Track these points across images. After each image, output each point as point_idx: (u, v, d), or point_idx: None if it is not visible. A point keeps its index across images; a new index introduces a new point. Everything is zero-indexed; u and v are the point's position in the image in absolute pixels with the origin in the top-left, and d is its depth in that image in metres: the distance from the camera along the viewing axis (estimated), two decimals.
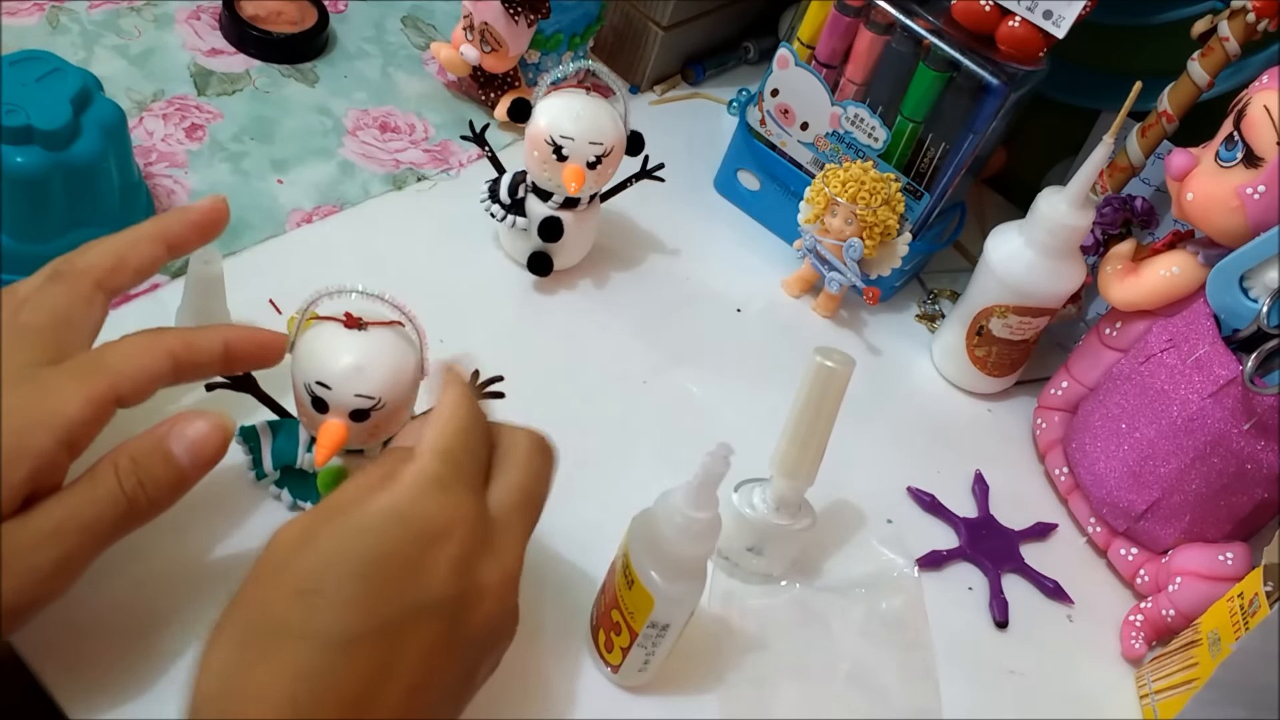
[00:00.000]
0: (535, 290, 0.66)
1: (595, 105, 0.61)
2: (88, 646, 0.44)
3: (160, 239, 0.45)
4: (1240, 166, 0.56)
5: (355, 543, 0.37)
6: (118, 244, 0.44)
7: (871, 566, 0.59)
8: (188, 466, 0.41)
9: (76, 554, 0.39)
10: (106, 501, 0.39)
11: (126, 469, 0.40)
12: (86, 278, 0.43)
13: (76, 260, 0.43)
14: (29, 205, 0.53)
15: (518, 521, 0.41)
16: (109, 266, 0.44)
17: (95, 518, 0.39)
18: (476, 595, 0.39)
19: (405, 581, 0.37)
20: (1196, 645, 0.54)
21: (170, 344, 0.42)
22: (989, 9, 0.64)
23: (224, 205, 0.48)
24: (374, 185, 0.67)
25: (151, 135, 0.64)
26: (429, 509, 0.38)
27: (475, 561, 0.39)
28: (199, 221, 0.47)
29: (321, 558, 0.37)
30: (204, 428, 0.41)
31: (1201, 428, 0.57)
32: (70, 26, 0.69)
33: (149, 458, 0.40)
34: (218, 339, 0.44)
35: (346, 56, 0.75)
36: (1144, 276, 0.61)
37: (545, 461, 0.44)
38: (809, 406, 0.51)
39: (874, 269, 0.69)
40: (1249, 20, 0.62)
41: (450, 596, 0.38)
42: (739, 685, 0.51)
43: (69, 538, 0.38)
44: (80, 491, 0.39)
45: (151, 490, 0.40)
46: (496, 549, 0.40)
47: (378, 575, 0.37)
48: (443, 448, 0.40)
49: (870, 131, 0.68)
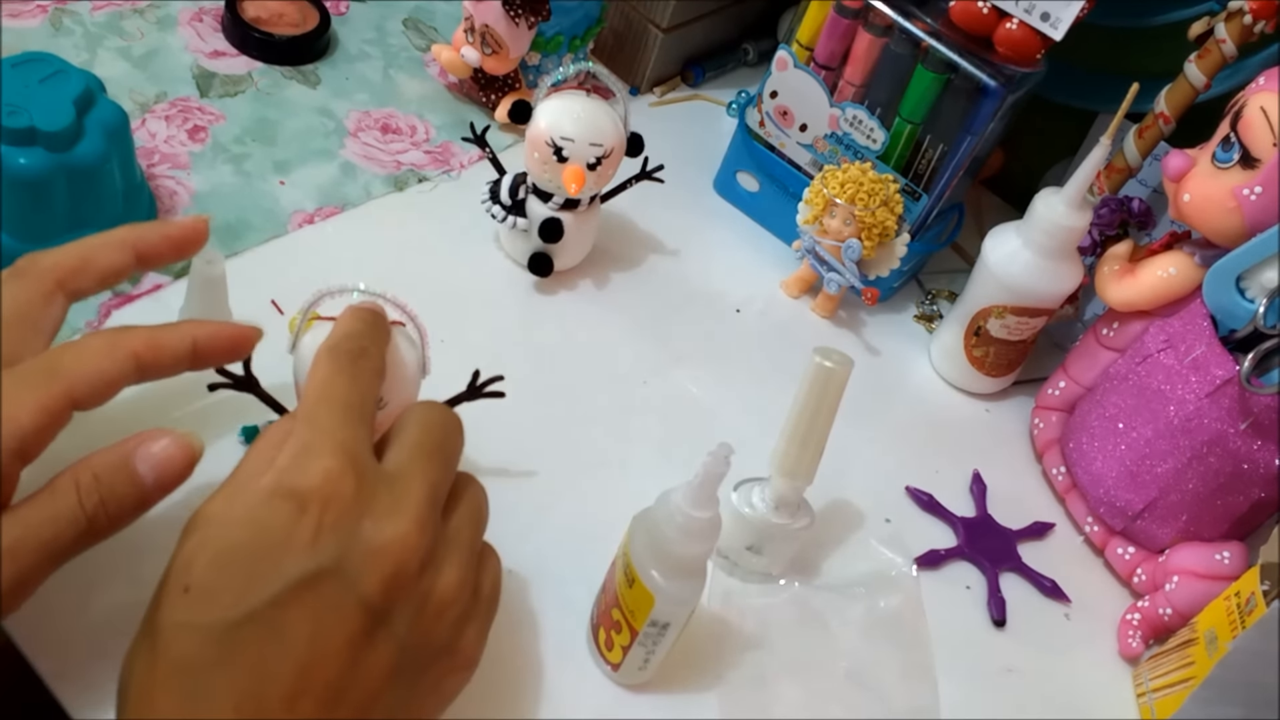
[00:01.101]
0: (536, 291, 0.66)
1: (595, 107, 0.61)
2: (89, 645, 0.44)
3: (129, 247, 0.45)
4: (1237, 167, 0.56)
5: (222, 532, 0.36)
6: (85, 247, 0.44)
7: (870, 566, 0.59)
8: (151, 486, 0.40)
9: (31, 572, 0.38)
10: (65, 520, 0.38)
11: (88, 486, 0.39)
12: (49, 276, 0.42)
13: (41, 259, 0.43)
14: (31, 206, 0.53)
15: (416, 475, 0.39)
16: (72, 267, 0.43)
17: (53, 536, 0.38)
18: (368, 557, 0.36)
19: (275, 559, 0.35)
20: (1193, 644, 0.54)
21: (133, 344, 0.41)
22: (987, 11, 0.64)
23: (204, 226, 0.47)
24: (375, 186, 0.67)
25: (154, 137, 0.65)
26: (296, 480, 0.37)
27: (355, 522, 0.36)
28: (175, 236, 0.46)
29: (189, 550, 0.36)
30: (170, 447, 0.40)
31: (1198, 427, 0.58)
32: (73, 28, 0.69)
33: (113, 475, 0.39)
34: (185, 336, 0.43)
35: (348, 58, 0.75)
36: (1141, 277, 0.62)
37: (441, 415, 0.42)
38: (808, 406, 0.51)
39: (872, 270, 0.69)
40: (1246, 22, 0.62)
41: (329, 563, 0.35)
42: (739, 684, 0.51)
43: (25, 557, 0.37)
44: (38, 509, 0.38)
45: (113, 509, 0.39)
46: (386, 507, 0.37)
47: (244, 559, 0.35)
48: (305, 414, 0.39)
49: (869, 133, 0.68)
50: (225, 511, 0.37)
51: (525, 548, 0.53)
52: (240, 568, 0.35)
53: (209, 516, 0.37)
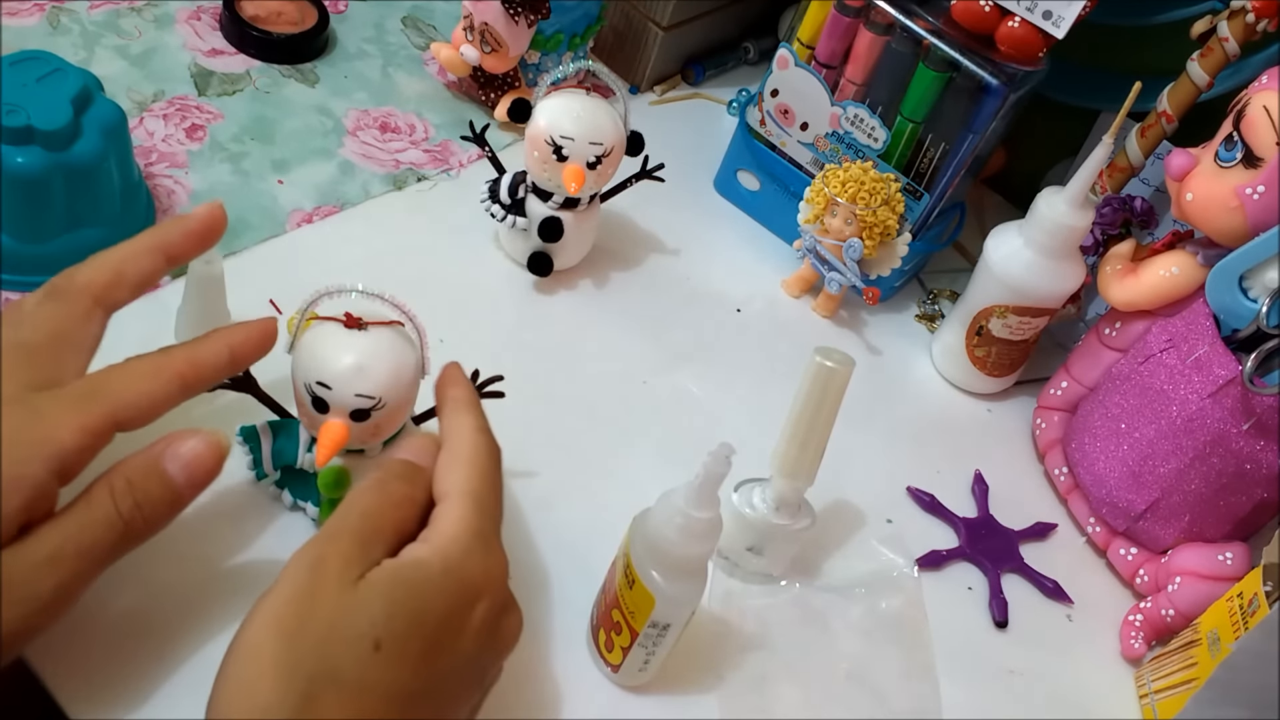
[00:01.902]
0: (535, 290, 0.66)
1: (595, 105, 0.61)
2: (88, 645, 0.44)
3: (159, 250, 0.45)
4: (1239, 167, 0.56)
5: (410, 598, 0.37)
6: (115, 258, 0.44)
7: (871, 566, 0.59)
8: (183, 485, 0.41)
9: (74, 579, 0.38)
10: (103, 525, 0.39)
11: (122, 490, 0.39)
12: (85, 294, 0.43)
13: (75, 276, 0.43)
14: (29, 205, 0.53)
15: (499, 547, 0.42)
16: (107, 281, 0.43)
17: (92, 542, 0.38)
18: (500, 649, 0.41)
19: (451, 639, 0.38)
20: (1196, 645, 0.54)
21: (176, 365, 0.42)
22: (989, 9, 0.64)
23: (221, 211, 0.47)
24: (374, 185, 0.67)
25: (152, 135, 0.64)
26: (470, 567, 0.39)
27: (501, 616, 0.40)
28: (196, 230, 0.46)
29: (380, 609, 0.37)
30: (199, 446, 0.41)
31: (1201, 428, 0.58)
32: (71, 27, 0.69)
33: (145, 479, 0.40)
34: (222, 346, 0.44)
35: (347, 57, 0.75)
36: (1143, 277, 0.61)
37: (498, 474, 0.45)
38: (809, 406, 0.51)
39: (874, 269, 0.69)
40: (1248, 20, 0.62)
41: (481, 653, 0.39)
42: (739, 685, 0.51)
43: (67, 563, 0.38)
44: (76, 516, 0.39)
45: (148, 511, 0.40)
46: (513, 602, 0.42)
47: (431, 633, 0.37)
48: (476, 492, 0.41)
49: (870, 132, 0.68)
50: (412, 576, 0.38)
51: (525, 548, 0.53)
52: (426, 640, 0.37)
53: (393, 580, 0.38)
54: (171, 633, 0.45)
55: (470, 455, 0.42)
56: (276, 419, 0.49)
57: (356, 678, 0.36)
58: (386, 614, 0.37)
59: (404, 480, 0.42)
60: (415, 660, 0.37)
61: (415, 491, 0.41)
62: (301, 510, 0.50)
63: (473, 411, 0.44)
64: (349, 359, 0.44)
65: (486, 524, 0.41)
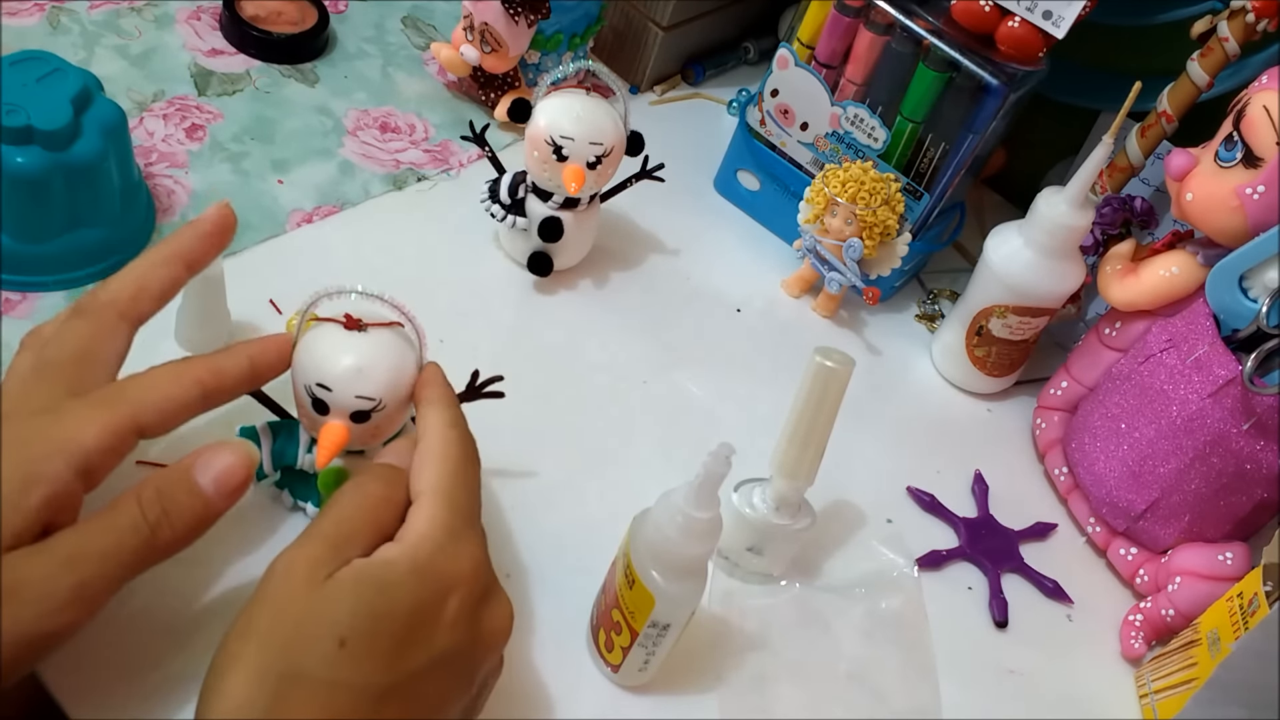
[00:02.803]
0: (535, 290, 0.66)
1: (595, 105, 0.61)
2: (88, 645, 0.44)
3: (177, 258, 0.46)
4: (1240, 166, 0.56)
5: (376, 595, 0.37)
6: (136, 272, 0.45)
7: (871, 566, 0.59)
8: (214, 497, 0.41)
9: (94, 581, 0.38)
10: (128, 530, 0.39)
11: (150, 499, 0.39)
12: (110, 310, 0.43)
13: (99, 293, 0.44)
14: (29, 205, 0.53)
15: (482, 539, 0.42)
16: (131, 295, 0.44)
17: (116, 547, 0.38)
18: (484, 644, 0.40)
19: (424, 635, 0.38)
20: (1196, 645, 0.54)
21: (197, 372, 0.42)
22: (989, 9, 0.64)
23: (230, 210, 0.47)
24: (374, 185, 0.67)
25: (152, 135, 0.64)
26: (441, 562, 0.39)
27: (480, 610, 0.40)
28: (210, 232, 0.47)
29: (345, 607, 0.37)
30: (230, 458, 0.41)
31: (1201, 428, 0.58)
32: (71, 27, 0.69)
33: (174, 488, 0.40)
34: (243, 358, 0.44)
35: (347, 57, 0.75)
36: (1143, 276, 0.61)
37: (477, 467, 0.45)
38: (809, 406, 0.51)
39: (874, 269, 0.69)
40: (1248, 20, 0.62)
41: (461, 647, 0.39)
42: (739, 685, 0.51)
43: (86, 565, 0.37)
44: (100, 520, 0.39)
45: (175, 520, 0.40)
46: (497, 594, 0.41)
47: (401, 629, 0.37)
48: (446, 489, 0.41)
49: (870, 132, 0.68)
50: (379, 574, 0.38)
51: (525, 548, 0.53)
52: (395, 636, 0.37)
53: (361, 578, 0.38)
54: (171, 633, 0.45)
55: (441, 452, 0.42)
56: (277, 420, 0.49)
57: (324, 675, 0.36)
58: (351, 611, 0.37)
59: (381, 482, 0.42)
60: (385, 656, 0.37)
61: (393, 492, 0.41)
62: (302, 511, 0.50)
63: (445, 408, 0.44)
64: (349, 361, 0.44)
65: (457, 520, 0.40)
